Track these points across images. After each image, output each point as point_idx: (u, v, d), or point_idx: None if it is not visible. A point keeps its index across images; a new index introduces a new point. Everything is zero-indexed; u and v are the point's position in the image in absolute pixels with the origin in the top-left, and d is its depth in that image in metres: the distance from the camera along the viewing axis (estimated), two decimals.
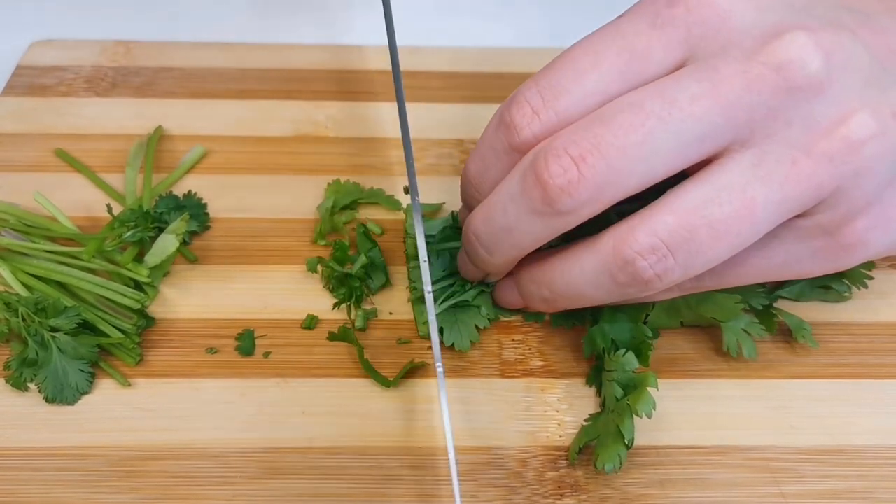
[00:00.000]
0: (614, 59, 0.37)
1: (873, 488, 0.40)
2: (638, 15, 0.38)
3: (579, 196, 0.36)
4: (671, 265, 0.36)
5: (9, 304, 0.43)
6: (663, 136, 0.35)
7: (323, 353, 0.44)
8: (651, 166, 0.36)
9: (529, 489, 0.39)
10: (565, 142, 0.36)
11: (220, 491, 0.39)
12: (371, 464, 0.40)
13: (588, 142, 0.36)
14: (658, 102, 0.36)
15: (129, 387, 0.43)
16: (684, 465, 0.40)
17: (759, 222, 0.36)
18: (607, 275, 0.38)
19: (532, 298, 0.43)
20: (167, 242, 0.46)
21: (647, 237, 0.36)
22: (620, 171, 0.36)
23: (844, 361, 0.45)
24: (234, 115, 0.58)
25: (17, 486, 0.39)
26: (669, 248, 0.36)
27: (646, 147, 0.35)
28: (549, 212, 0.37)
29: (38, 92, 0.59)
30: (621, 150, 0.36)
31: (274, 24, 0.67)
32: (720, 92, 0.35)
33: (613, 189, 0.36)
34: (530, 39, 0.65)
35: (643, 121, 0.35)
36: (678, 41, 0.37)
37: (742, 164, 0.36)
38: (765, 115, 0.35)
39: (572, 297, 0.40)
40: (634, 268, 0.37)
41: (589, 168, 0.36)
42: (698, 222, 0.36)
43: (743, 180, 0.36)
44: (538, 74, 0.39)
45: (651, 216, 0.36)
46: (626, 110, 0.36)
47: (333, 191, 0.52)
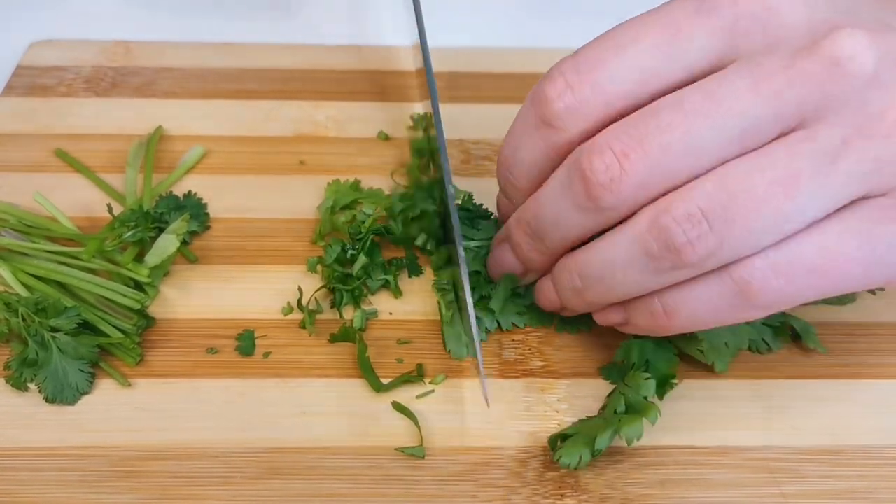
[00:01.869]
0: (656, 37, 0.37)
1: (873, 488, 0.40)
2: (681, 2, 0.38)
3: (621, 193, 0.36)
4: (705, 231, 0.35)
5: (9, 304, 0.43)
6: (706, 133, 0.35)
7: (323, 353, 0.44)
8: (693, 161, 0.36)
9: (529, 489, 0.39)
10: (609, 138, 0.36)
11: (220, 491, 0.39)
12: (371, 464, 0.40)
13: (631, 138, 0.36)
14: (699, 99, 0.35)
15: (129, 387, 0.43)
16: (684, 465, 0.40)
17: (801, 195, 0.35)
18: (640, 247, 0.37)
19: (564, 290, 0.42)
20: (167, 242, 0.46)
21: (685, 204, 0.35)
22: (663, 166, 0.36)
23: (844, 361, 0.45)
24: (234, 115, 0.58)
25: (17, 486, 0.39)
26: (705, 214, 0.35)
27: (688, 143, 0.35)
28: (592, 207, 0.37)
29: (38, 92, 0.59)
30: (664, 147, 0.35)
31: (274, 24, 0.67)
32: (762, 88, 0.35)
33: (656, 185, 0.36)
34: (533, 40, 0.65)
35: (684, 117, 0.35)
36: (722, 30, 0.37)
37: (790, 140, 0.35)
38: (815, 105, 0.35)
39: (603, 281, 0.39)
40: (667, 234, 0.36)
41: (631, 164, 0.36)
42: (736, 188, 0.35)
43: (788, 152, 0.35)
44: (577, 50, 0.39)
45: (689, 186, 0.36)
46: (669, 107, 0.36)
47: (333, 191, 0.52)
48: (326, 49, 0.64)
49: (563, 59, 0.39)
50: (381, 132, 0.57)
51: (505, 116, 0.58)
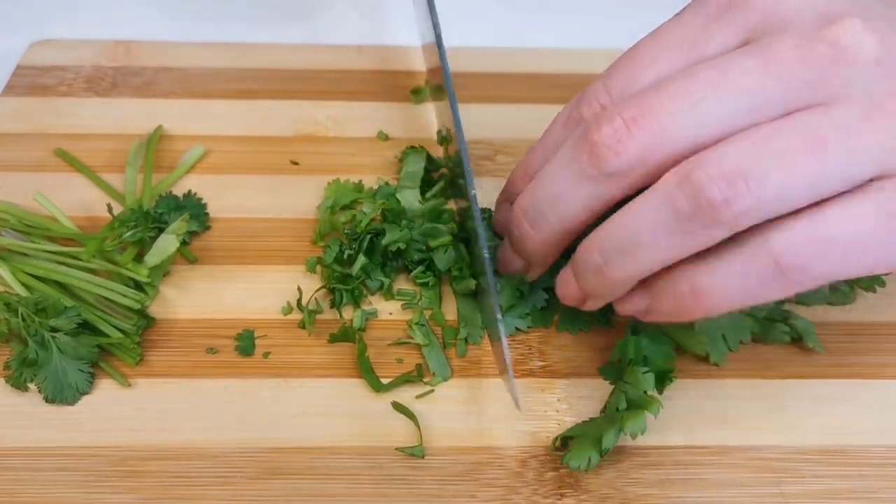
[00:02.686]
0: (674, 52, 0.39)
1: (874, 488, 0.40)
2: (699, 6, 0.39)
3: (626, 155, 0.36)
4: (742, 190, 0.35)
5: (9, 304, 0.43)
6: (714, 103, 0.36)
7: (323, 353, 0.44)
8: (701, 131, 0.36)
9: (529, 489, 0.39)
10: (619, 108, 0.37)
11: (220, 491, 0.39)
12: (371, 464, 0.40)
13: (639, 107, 0.37)
14: (710, 72, 0.36)
15: (129, 387, 0.43)
16: (684, 465, 0.40)
17: (828, 162, 0.35)
18: (670, 207, 0.36)
19: (585, 274, 0.40)
20: (167, 242, 0.46)
21: (719, 161, 0.35)
22: (669, 134, 0.36)
23: (844, 361, 0.45)
24: (234, 115, 0.58)
25: (17, 486, 0.39)
26: (741, 171, 0.35)
27: (696, 111, 0.36)
28: (595, 174, 0.37)
29: (38, 92, 0.59)
30: (671, 114, 0.36)
31: (274, 23, 0.67)
32: (772, 63, 0.36)
33: (660, 152, 0.36)
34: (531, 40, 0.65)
35: (695, 88, 0.36)
36: (737, 28, 0.38)
37: (810, 113, 0.36)
38: (824, 86, 0.35)
39: (627, 251, 0.37)
40: (700, 191, 0.35)
41: (638, 129, 0.36)
42: (768, 150, 0.35)
43: (812, 122, 0.35)
44: (605, 73, 0.41)
45: (722, 144, 0.36)
46: (679, 78, 0.37)
47: (333, 191, 0.52)
48: (326, 49, 0.64)
49: (595, 82, 0.41)
50: (380, 132, 0.57)
51: (504, 116, 0.59)
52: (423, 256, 0.47)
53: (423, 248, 0.47)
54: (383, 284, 0.47)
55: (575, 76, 0.62)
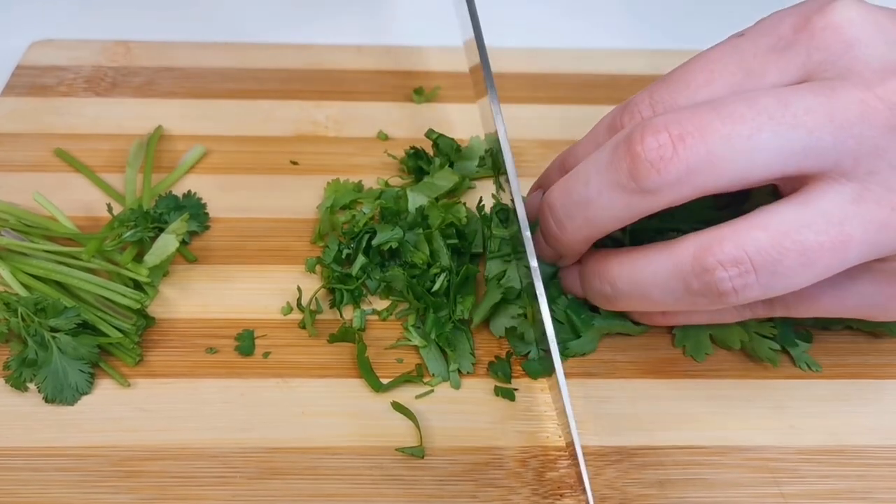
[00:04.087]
0: (728, 78, 0.37)
1: (873, 488, 0.40)
2: (759, 35, 0.38)
3: (668, 174, 0.35)
4: (752, 282, 0.35)
5: (9, 304, 0.43)
6: (770, 136, 0.34)
7: (322, 353, 0.44)
8: (750, 164, 0.35)
9: (529, 489, 0.39)
10: (668, 120, 0.35)
11: (219, 491, 0.39)
12: (371, 464, 0.40)
13: (692, 124, 0.35)
14: (773, 101, 0.35)
15: (129, 387, 0.43)
16: (684, 465, 0.40)
17: (849, 259, 0.35)
18: (680, 280, 0.37)
19: (594, 293, 0.42)
20: (167, 242, 0.46)
21: (734, 249, 0.35)
22: (718, 159, 0.35)
23: (844, 361, 0.45)
24: (234, 115, 0.58)
25: (17, 486, 0.39)
26: (754, 265, 0.35)
27: (751, 141, 0.34)
28: (632, 187, 0.36)
29: (38, 92, 0.59)
30: (725, 138, 0.34)
31: (274, 23, 0.67)
32: (835, 113, 0.34)
33: (704, 177, 0.35)
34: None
35: (755, 114, 0.34)
36: (796, 65, 0.36)
37: (843, 195, 0.35)
38: (871, 151, 0.34)
39: (636, 298, 0.39)
40: (713, 277, 0.36)
41: (686, 149, 0.35)
42: (790, 246, 0.35)
43: (842, 213, 0.35)
44: (653, 86, 0.39)
45: (741, 228, 0.35)
46: (739, 101, 0.35)
47: (333, 191, 0.52)
48: (326, 49, 0.64)
49: (641, 93, 0.39)
50: (380, 132, 0.57)
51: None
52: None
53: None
54: (380, 285, 0.47)
55: (613, 77, 0.62)
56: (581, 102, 0.60)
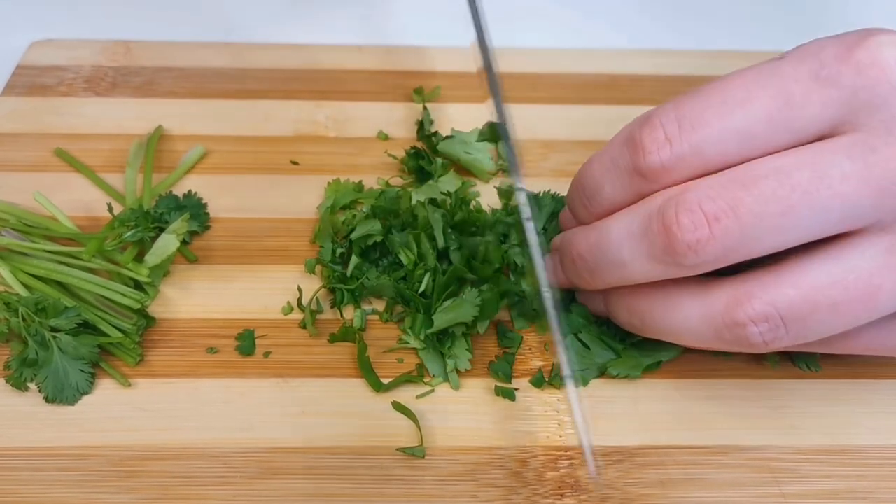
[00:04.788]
0: (766, 102, 0.35)
1: (874, 488, 0.40)
2: (801, 61, 0.36)
3: (705, 255, 0.35)
4: (782, 335, 0.36)
5: (9, 304, 0.43)
6: (806, 212, 0.34)
7: (323, 353, 0.44)
8: (785, 237, 0.35)
9: (529, 489, 0.39)
10: (700, 196, 0.35)
11: (220, 491, 0.39)
12: (371, 464, 0.40)
13: (725, 202, 0.34)
14: (807, 174, 0.34)
15: (129, 387, 0.43)
16: (684, 465, 0.40)
17: (880, 309, 0.35)
18: (712, 330, 0.37)
19: (620, 319, 0.42)
20: (167, 242, 0.46)
21: (765, 306, 0.35)
22: (753, 237, 0.35)
23: (844, 361, 0.45)
24: (234, 115, 0.58)
25: (17, 486, 0.39)
26: (784, 321, 0.35)
27: (786, 219, 0.34)
28: (669, 262, 0.36)
29: (38, 92, 0.59)
30: (759, 218, 0.34)
31: (275, 23, 0.67)
32: (873, 174, 0.34)
33: (740, 253, 0.35)
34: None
35: (789, 193, 0.34)
36: (839, 102, 0.35)
37: (877, 247, 0.35)
38: None
39: (665, 335, 0.40)
40: (744, 332, 0.36)
41: (721, 229, 0.35)
42: (821, 301, 0.35)
43: (874, 265, 0.35)
44: (680, 99, 0.37)
45: (772, 285, 0.35)
46: (772, 176, 0.34)
47: (333, 191, 0.52)
48: (326, 49, 0.64)
49: (666, 105, 0.37)
50: (380, 132, 0.57)
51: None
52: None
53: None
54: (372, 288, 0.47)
55: (613, 77, 0.62)
56: (581, 102, 0.60)
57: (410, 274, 0.46)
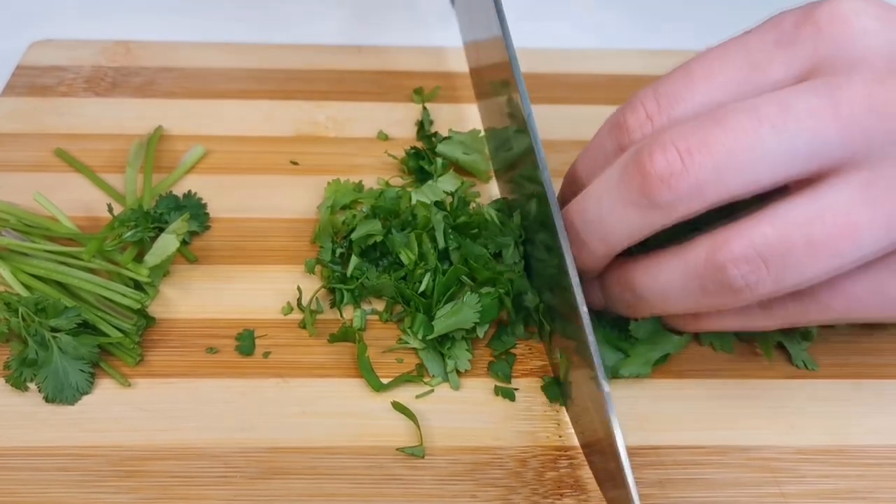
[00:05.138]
0: (733, 73, 0.38)
1: (874, 488, 0.40)
2: (765, 31, 0.38)
3: (678, 190, 0.36)
4: (763, 277, 0.36)
5: (9, 304, 0.43)
6: (774, 144, 0.35)
7: (323, 353, 0.44)
8: (756, 172, 0.35)
9: (529, 489, 0.39)
10: (674, 135, 0.36)
11: (220, 491, 0.39)
12: (371, 464, 0.40)
13: (697, 138, 0.35)
14: (774, 109, 0.35)
15: (129, 387, 0.43)
16: (684, 465, 0.40)
17: (861, 245, 0.35)
18: (696, 281, 0.37)
19: (615, 301, 0.43)
20: (167, 242, 0.46)
21: (743, 247, 0.36)
22: (725, 171, 0.35)
23: (844, 361, 0.45)
24: (234, 115, 0.58)
25: (17, 486, 0.39)
26: (764, 260, 0.35)
27: (755, 152, 0.35)
28: (644, 203, 0.37)
29: (38, 92, 0.59)
30: (730, 152, 0.35)
31: (275, 23, 0.67)
32: (840, 110, 0.34)
33: (714, 189, 0.36)
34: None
35: (756, 126, 0.35)
36: (802, 58, 0.37)
37: (852, 184, 0.35)
38: (882, 138, 0.34)
39: (656, 302, 0.40)
40: (725, 275, 0.36)
41: (694, 163, 0.35)
42: (797, 238, 0.35)
43: (849, 201, 0.35)
44: (657, 82, 0.39)
45: (749, 226, 0.36)
46: (741, 112, 0.35)
47: (333, 191, 0.52)
48: (326, 49, 0.64)
49: (645, 88, 0.40)
50: (380, 132, 0.57)
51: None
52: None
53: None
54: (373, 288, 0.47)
55: (613, 77, 0.63)
56: (581, 102, 0.60)
57: (411, 274, 0.46)
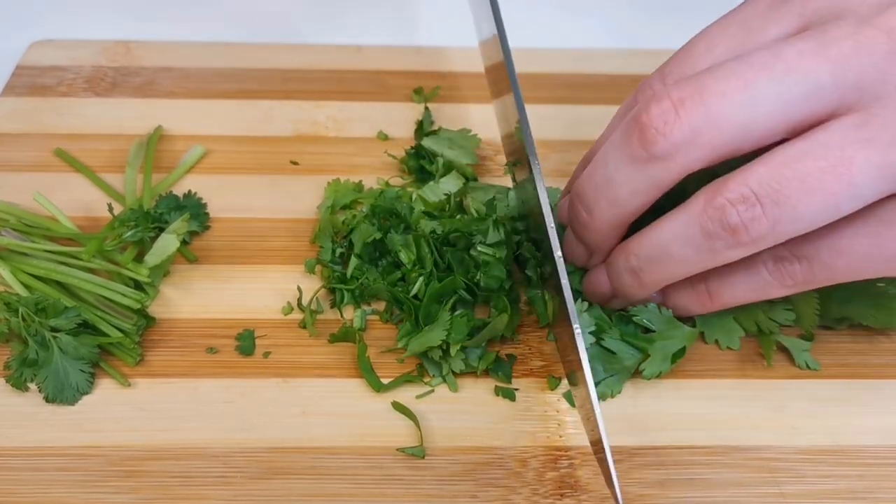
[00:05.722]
0: (731, 40, 0.39)
1: (873, 488, 0.40)
2: (758, 0, 0.40)
3: (673, 137, 0.36)
4: (758, 214, 0.36)
5: (9, 304, 0.43)
6: (766, 86, 0.35)
7: (323, 353, 0.44)
8: (751, 117, 0.36)
9: (529, 489, 0.39)
10: (669, 89, 0.37)
11: (220, 491, 0.39)
12: (371, 464, 0.40)
13: (691, 88, 0.36)
14: (765, 55, 0.36)
15: (129, 387, 0.43)
16: (684, 465, 0.40)
17: (855, 184, 0.35)
18: (696, 227, 0.38)
19: (619, 274, 0.42)
20: (167, 242, 0.46)
21: (738, 186, 0.36)
22: (718, 116, 0.36)
23: (844, 361, 0.45)
24: (234, 115, 0.58)
25: (17, 486, 0.39)
26: (758, 197, 0.36)
27: (747, 94, 0.35)
28: (644, 156, 0.37)
29: (38, 92, 0.59)
30: (721, 95, 0.36)
31: (275, 23, 0.67)
32: (829, 51, 0.35)
33: (708, 135, 0.36)
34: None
35: (747, 70, 0.36)
36: (794, 16, 0.38)
37: (846, 124, 0.35)
38: (874, 79, 0.35)
39: (660, 258, 0.40)
40: (722, 213, 0.36)
41: (686, 111, 0.36)
42: (789, 174, 0.35)
43: (842, 139, 0.35)
44: (663, 65, 0.41)
45: (745, 169, 0.36)
46: (733, 62, 0.36)
47: (333, 191, 0.52)
48: (326, 49, 0.64)
49: (653, 74, 0.42)
50: (380, 132, 0.57)
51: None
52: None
53: None
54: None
55: (613, 77, 0.63)
56: (581, 102, 0.60)
57: (408, 274, 0.46)
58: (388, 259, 0.47)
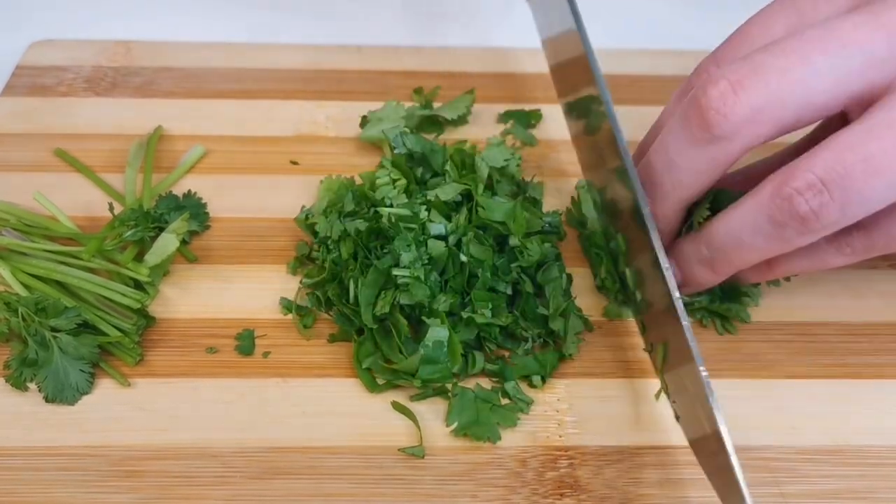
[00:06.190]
0: (782, 23, 0.39)
1: (873, 488, 0.40)
2: None
3: (734, 116, 0.37)
4: (826, 201, 0.36)
5: (9, 303, 0.43)
6: (823, 59, 0.36)
7: (322, 353, 0.44)
8: (810, 90, 0.36)
9: (529, 489, 0.39)
10: (724, 70, 0.37)
11: (219, 491, 0.39)
12: (371, 464, 0.40)
13: (747, 67, 0.37)
14: (820, 31, 0.36)
15: (130, 386, 0.43)
16: (684, 465, 0.40)
17: None
18: (765, 216, 0.38)
19: (691, 264, 0.43)
20: (167, 242, 0.46)
21: (804, 173, 0.36)
22: (778, 92, 0.36)
23: (844, 361, 0.45)
24: (234, 115, 0.58)
25: (17, 486, 0.39)
26: (825, 184, 0.36)
27: (805, 69, 0.36)
28: (706, 138, 0.38)
29: (38, 92, 0.59)
30: (780, 72, 0.36)
31: (275, 23, 0.67)
32: (883, 20, 0.35)
33: (769, 112, 0.36)
34: None
35: (804, 45, 0.36)
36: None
37: None
38: None
39: (731, 248, 0.40)
40: (791, 203, 0.37)
41: (745, 90, 0.36)
42: (852, 158, 0.35)
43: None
44: (715, 50, 0.42)
45: (810, 156, 0.37)
46: (787, 40, 0.37)
47: (326, 189, 0.51)
48: (326, 49, 0.64)
49: (707, 58, 0.42)
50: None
51: None
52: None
53: None
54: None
55: (614, 77, 0.61)
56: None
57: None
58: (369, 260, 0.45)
